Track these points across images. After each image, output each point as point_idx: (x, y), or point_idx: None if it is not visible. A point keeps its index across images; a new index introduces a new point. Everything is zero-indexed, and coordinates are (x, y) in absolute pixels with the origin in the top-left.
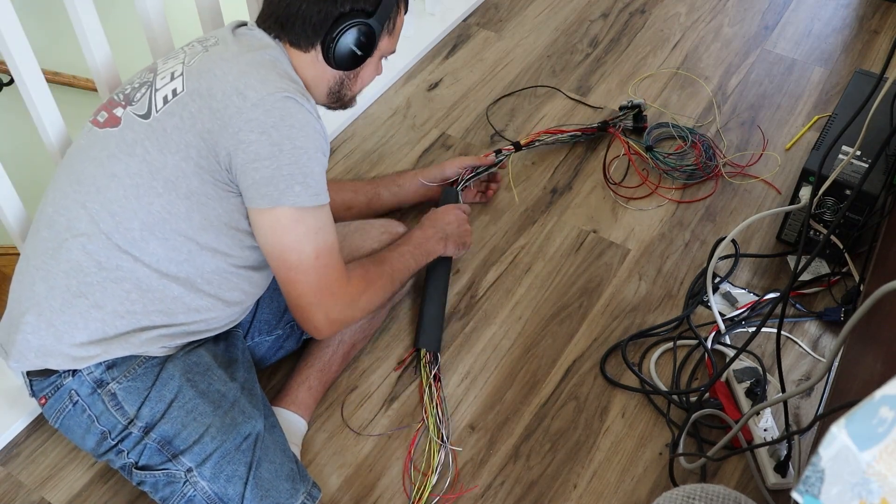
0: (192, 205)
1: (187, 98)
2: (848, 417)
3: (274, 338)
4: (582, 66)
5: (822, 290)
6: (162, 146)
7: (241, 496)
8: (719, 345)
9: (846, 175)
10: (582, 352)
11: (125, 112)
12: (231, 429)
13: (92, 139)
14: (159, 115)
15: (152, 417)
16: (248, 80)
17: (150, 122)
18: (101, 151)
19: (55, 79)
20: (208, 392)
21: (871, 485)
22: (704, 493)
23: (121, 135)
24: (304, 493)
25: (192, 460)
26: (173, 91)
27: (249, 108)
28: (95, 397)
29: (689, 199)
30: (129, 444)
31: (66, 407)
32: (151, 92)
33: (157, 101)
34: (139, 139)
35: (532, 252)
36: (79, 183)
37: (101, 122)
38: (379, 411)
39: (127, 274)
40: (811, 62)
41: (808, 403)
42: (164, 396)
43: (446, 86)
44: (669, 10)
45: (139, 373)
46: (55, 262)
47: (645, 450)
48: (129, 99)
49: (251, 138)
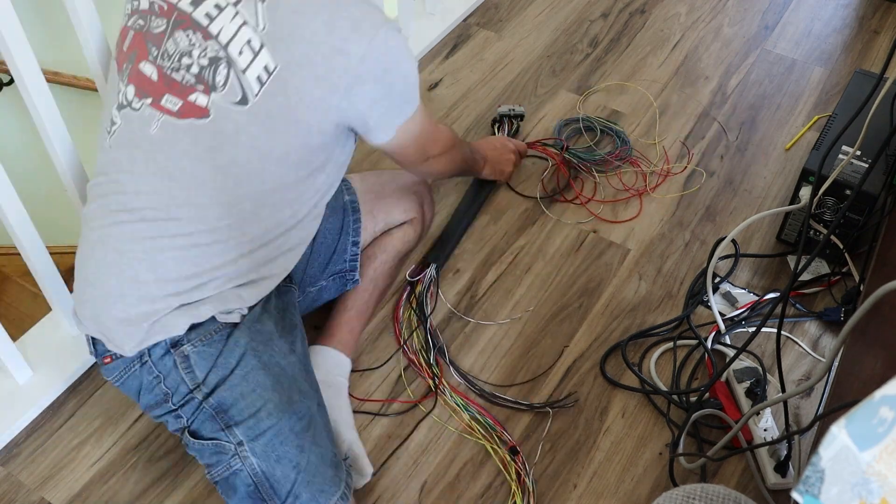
0: (303, 169)
1: (286, 73)
2: (848, 417)
3: (318, 289)
4: (582, 66)
5: (822, 290)
6: (269, 129)
7: (291, 480)
8: (719, 345)
9: (846, 175)
10: (582, 352)
11: (212, 100)
12: (287, 408)
13: (173, 132)
14: (259, 99)
15: (216, 384)
16: (342, 32)
17: (251, 108)
18: (196, 146)
19: (55, 79)
20: (270, 365)
21: (871, 485)
22: (704, 493)
23: (216, 126)
24: (344, 482)
25: (244, 434)
26: (265, 69)
27: (356, 64)
28: (168, 357)
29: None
30: (189, 409)
31: (134, 367)
32: (235, 72)
33: (250, 83)
34: (242, 127)
35: (532, 252)
36: (171, 179)
37: (175, 112)
38: (379, 411)
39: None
40: (811, 62)
41: (808, 403)
42: (229, 363)
43: (446, 86)
44: (669, 10)
45: (214, 338)
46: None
47: (645, 450)
48: (207, 82)
49: (365, 89)
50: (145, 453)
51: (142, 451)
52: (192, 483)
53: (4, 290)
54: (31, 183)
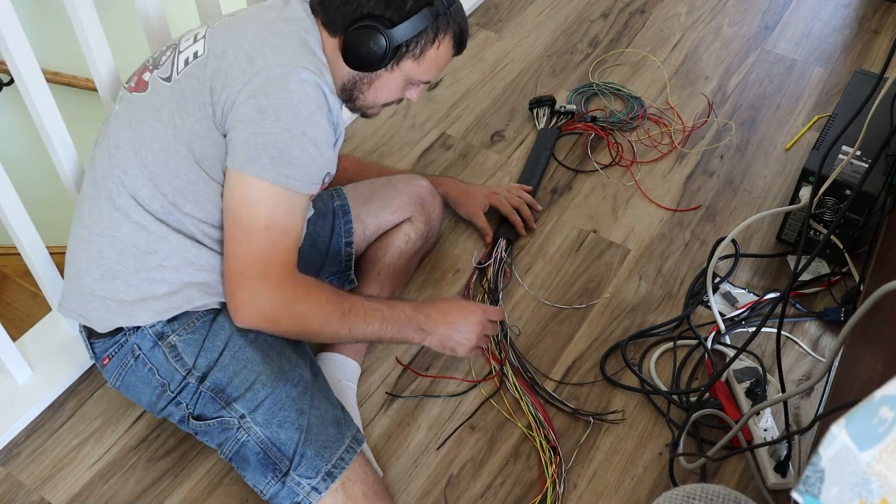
0: (206, 165)
1: (205, 59)
2: (848, 417)
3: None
4: (582, 66)
5: (822, 290)
6: (182, 109)
7: (295, 441)
8: (719, 345)
9: (846, 175)
10: (582, 352)
11: (152, 76)
12: (280, 377)
13: (126, 104)
14: (180, 77)
15: (207, 367)
16: (262, 48)
17: (172, 86)
18: (134, 116)
19: (55, 79)
20: (256, 341)
21: (871, 485)
22: (704, 493)
23: (148, 99)
24: (350, 437)
25: (244, 407)
26: (194, 54)
27: (253, 73)
28: (157, 350)
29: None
30: (187, 395)
31: (129, 363)
32: (175, 55)
33: (178, 63)
34: (164, 103)
35: (532, 252)
36: (117, 148)
37: (132, 88)
38: (379, 411)
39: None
40: (811, 62)
41: (808, 403)
42: (217, 346)
43: (446, 86)
44: (669, 10)
45: (197, 325)
46: (116, 227)
47: (645, 450)
48: (157, 62)
49: (241, 99)
50: (145, 453)
51: (142, 451)
52: (192, 483)
53: (4, 290)
54: (31, 183)
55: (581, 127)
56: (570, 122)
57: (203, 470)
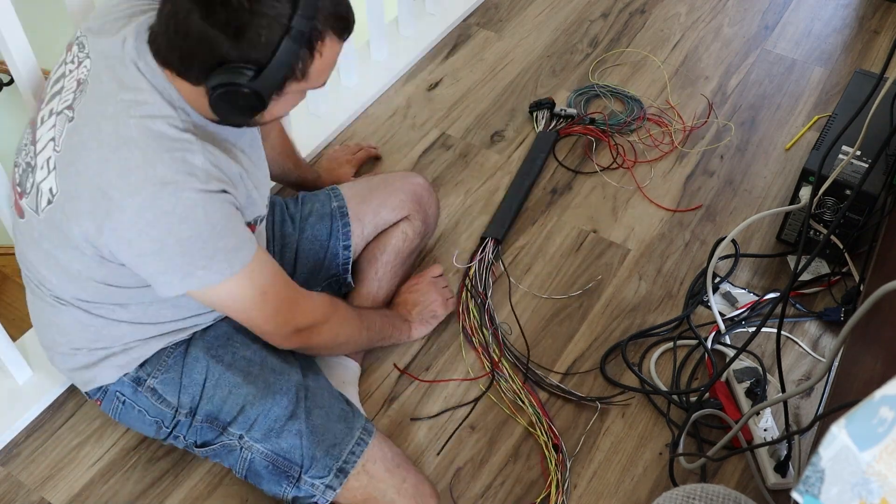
0: (109, 286)
1: (63, 199)
2: (848, 417)
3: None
4: (582, 66)
5: (822, 290)
6: (58, 244)
7: (299, 446)
8: (719, 345)
9: (846, 175)
10: (582, 352)
11: (24, 203)
12: (266, 391)
13: (19, 223)
14: (45, 214)
15: (193, 402)
16: (108, 175)
17: (43, 219)
18: (23, 237)
19: None
20: (234, 363)
21: (871, 485)
22: (704, 493)
23: (28, 227)
24: (360, 429)
25: (240, 429)
26: (50, 190)
27: (117, 211)
28: (139, 394)
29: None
30: (182, 429)
31: (118, 406)
32: (35, 182)
33: (41, 198)
34: (43, 235)
35: (532, 252)
36: (30, 261)
37: (16, 210)
38: (379, 411)
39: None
40: (811, 62)
41: (808, 403)
42: (196, 380)
43: (446, 86)
44: (669, 10)
45: (170, 364)
46: (56, 317)
47: (645, 450)
48: (23, 187)
49: (130, 237)
50: (145, 453)
51: (142, 451)
52: (192, 483)
53: (4, 290)
54: None
55: (580, 130)
56: (568, 125)
57: (203, 470)
